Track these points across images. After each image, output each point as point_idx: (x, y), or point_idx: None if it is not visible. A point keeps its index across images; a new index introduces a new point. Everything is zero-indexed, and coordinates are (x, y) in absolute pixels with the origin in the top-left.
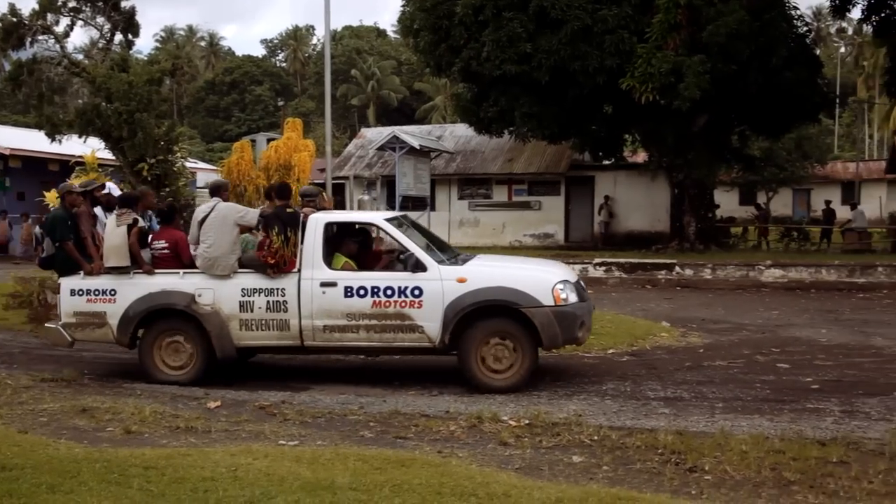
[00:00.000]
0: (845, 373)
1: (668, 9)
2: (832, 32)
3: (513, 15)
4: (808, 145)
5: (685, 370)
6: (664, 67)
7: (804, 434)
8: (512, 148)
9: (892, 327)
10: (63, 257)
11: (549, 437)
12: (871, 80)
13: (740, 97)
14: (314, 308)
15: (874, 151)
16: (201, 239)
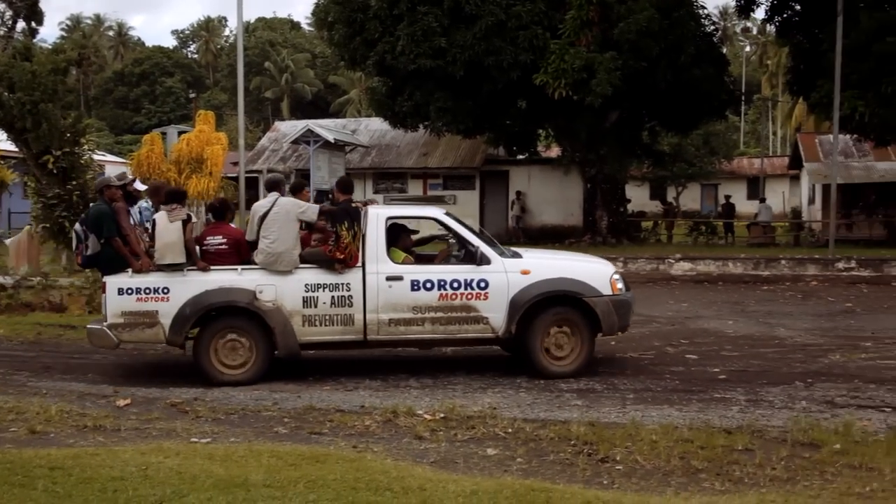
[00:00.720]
0: (751, 363)
1: (580, 6)
2: (738, 32)
3: (427, 9)
4: (715, 141)
5: (597, 362)
6: (577, 63)
7: (711, 423)
8: (427, 142)
9: (794, 318)
10: (110, 254)
11: (463, 431)
12: (774, 78)
13: (651, 93)
14: (380, 302)
15: (778, 148)
16: (263, 235)
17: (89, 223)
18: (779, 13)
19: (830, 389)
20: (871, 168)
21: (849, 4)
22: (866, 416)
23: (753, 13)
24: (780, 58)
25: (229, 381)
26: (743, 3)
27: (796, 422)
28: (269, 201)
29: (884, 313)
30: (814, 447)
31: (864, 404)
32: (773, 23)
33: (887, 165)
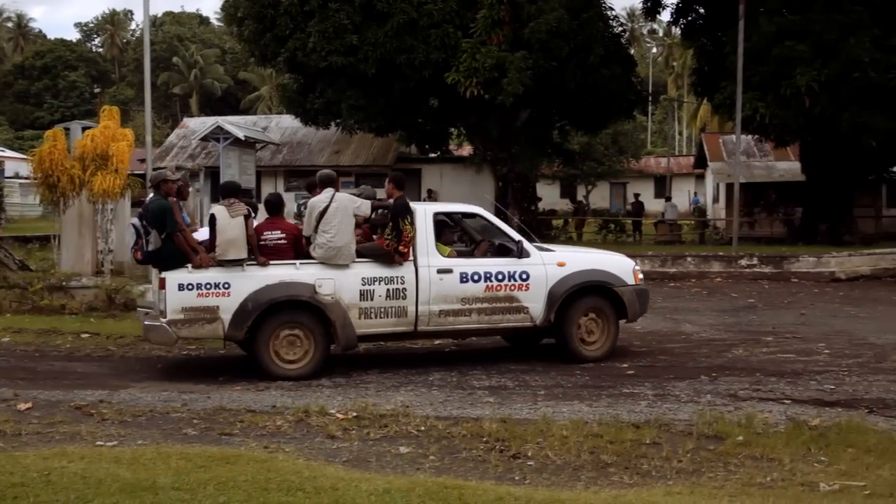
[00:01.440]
0: (658, 358)
1: (491, 5)
2: (645, 33)
3: (339, 6)
4: (623, 141)
5: (509, 359)
6: (488, 62)
7: (620, 418)
8: (339, 140)
9: (700, 314)
10: (171, 250)
11: (376, 429)
12: (680, 79)
13: (561, 93)
14: (431, 294)
15: (684, 147)
16: (322, 229)
17: (149, 218)
18: (684, 16)
19: (734, 383)
20: (772, 167)
21: (750, 9)
22: (767, 409)
23: (660, 15)
24: (685, 59)
25: (288, 376)
26: (649, 5)
27: (701, 415)
28: (327, 197)
29: (784, 309)
30: (718, 439)
31: (766, 397)
32: (679, 25)
33: (787, 165)
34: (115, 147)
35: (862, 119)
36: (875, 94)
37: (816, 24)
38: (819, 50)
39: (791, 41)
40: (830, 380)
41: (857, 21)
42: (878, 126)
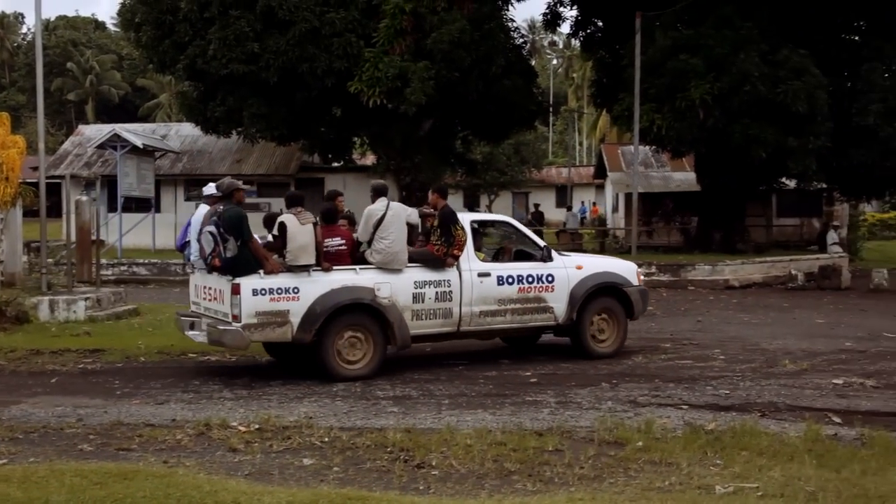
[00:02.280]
0: (560, 366)
1: (393, 15)
2: (546, 45)
3: (240, 13)
4: (525, 151)
5: (413, 369)
6: (391, 72)
7: (523, 425)
8: (241, 149)
9: None
10: (247, 256)
11: (279, 441)
12: (580, 90)
13: (463, 103)
14: (473, 296)
15: (584, 157)
16: (380, 236)
17: (226, 226)
18: (583, 28)
19: (634, 389)
20: (669, 178)
21: (646, 23)
22: (666, 414)
23: (559, 27)
24: (584, 71)
25: (351, 376)
26: (549, 17)
27: (602, 422)
28: (383, 205)
29: (681, 316)
30: (619, 445)
31: (664, 403)
32: (578, 38)
33: (683, 176)
34: (5, 154)
35: (752, 131)
36: (764, 107)
37: (709, 39)
38: (712, 64)
39: (685, 55)
40: (725, 385)
41: (747, 37)
42: (768, 138)
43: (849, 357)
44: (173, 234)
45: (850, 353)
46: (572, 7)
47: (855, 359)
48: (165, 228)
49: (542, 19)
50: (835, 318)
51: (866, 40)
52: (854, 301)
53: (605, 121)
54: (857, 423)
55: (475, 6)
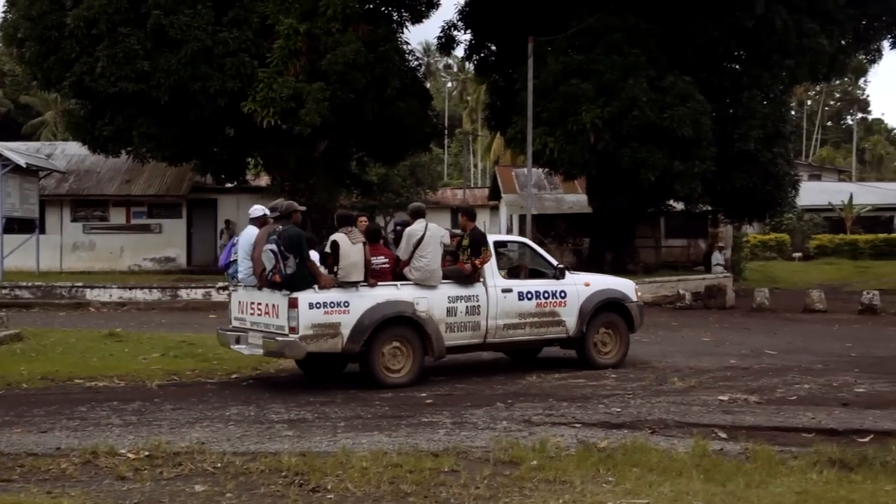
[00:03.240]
0: (456, 386)
1: (288, 35)
2: (440, 68)
3: (129, 31)
4: (420, 172)
5: (309, 391)
6: (285, 93)
7: (419, 447)
8: (130, 168)
9: None
10: (304, 273)
11: (170, 468)
12: (474, 113)
13: (358, 124)
14: (498, 310)
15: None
16: (419, 255)
17: (286, 244)
18: (477, 52)
19: (528, 409)
20: (562, 200)
21: (538, 48)
22: (560, 433)
23: (454, 51)
24: (479, 94)
25: (394, 384)
26: (444, 41)
27: (498, 441)
28: (422, 226)
29: None
30: (514, 465)
31: (558, 421)
32: (472, 61)
33: (575, 198)
34: None
35: (641, 155)
36: (652, 131)
37: (599, 65)
38: (602, 89)
39: (577, 80)
40: (617, 403)
41: (635, 63)
42: (656, 162)
43: (734, 374)
44: (59, 255)
45: (735, 371)
46: (466, 31)
47: (739, 376)
48: (50, 250)
49: (437, 42)
50: (720, 336)
51: (746, 69)
52: (738, 320)
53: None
54: (741, 437)
55: (370, 28)
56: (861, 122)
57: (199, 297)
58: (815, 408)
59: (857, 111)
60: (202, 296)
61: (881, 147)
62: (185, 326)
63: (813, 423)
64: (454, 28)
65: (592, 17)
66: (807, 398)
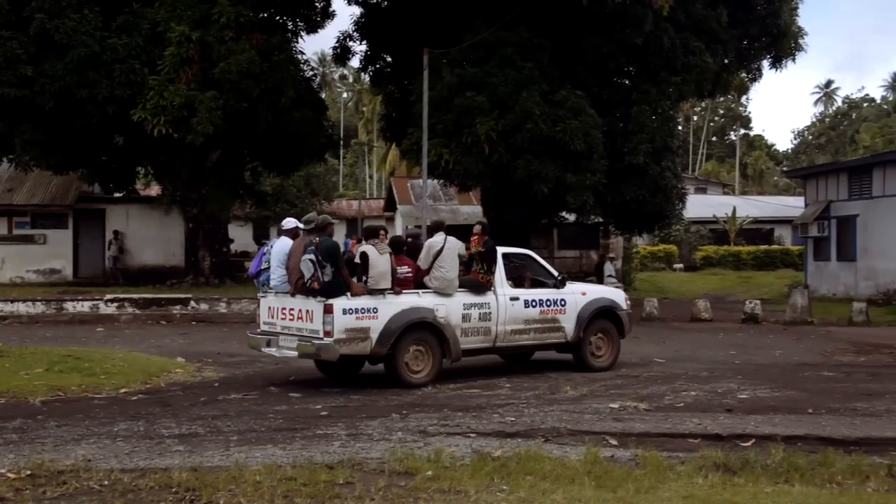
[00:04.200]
0: (351, 398)
1: (179, 42)
2: (336, 78)
3: (11, 34)
4: (316, 183)
5: (200, 405)
6: (177, 101)
7: (314, 459)
8: (13, 177)
9: None
10: (339, 281)
11: (53, 487)
12: (370, 124)
13: (252, 134)
14: (507, 317)
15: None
16: (438, 265)
17: (324, 255)
18: (372, 63)
19: (424, 419)
20: (457, 211)
21: (434, 60)
22: (455, 443)
23: (349, 61)
24: (374, 105)
25: (417, 383)
26: (339, 51)
27: (393, 452)
28: (441, 239)
29: None
30: (409, 475)
31: (453, 431)
32: (368, 72)
33: (470, 209)
34: None
35: (535, 167)
36: (546, 144)
37: (493, 78)
38: (496, 102)
39: (471, 92)
40: (511, 412)
41: (529, 77)
42: (549, 174)
43: (624, 382)
44: None
45: (626, 379)
46: (361, 42)
47: (629, 384)
48: None
49: (333, 53)
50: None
51: (636, 84)
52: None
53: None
54: (631, 444)
55: (264, 37)
56: (743, 137)
57: (87, 310)
58: (702, 414)
59: (739, 127)
60: (89, 308)
61: (762, 162)
62: (71, 340)
63: (699, 428)
64: (350, 39)
65: (486, 30)
66: (693, 405)
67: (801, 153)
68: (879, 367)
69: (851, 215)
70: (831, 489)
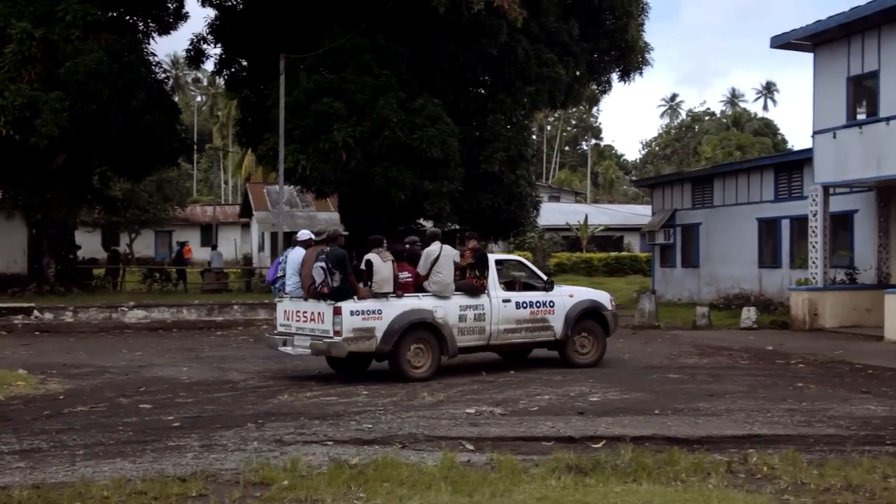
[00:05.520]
0: (205, 408)
1: (21, 40)
2: (190, 81)
3: None
4: (168, 188)
5: (44, 419)
6: (19, 101)
7: (166, 472)
8: None
9: (246, 362)
10: (346, 287)
11: None
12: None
13: (101, 137)
14: (499, 317)
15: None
16: (436, 271)
17: (333, 263)
18: (227, 67)
19: (280, 428)
20: (314, 217)
21: (291, 65)
22: (311, 451)
23: (203, 65)
24: (230, 110)
25: (417, 378)
26: (193, 54)
27: (248, 463)
28: (438, 248)
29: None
30: (264, 486)
31: (310, 440)
32: (223, 76)
33: (327, 215)
34: None
35: (392, 174)
36: (403, 151)
37: (351, 85)
38: (354, 108)
39: (329, 98)
40: (368, 419)
41: (386, 84)
42: (406, 181)
43: (480, 387)
44: None
45: (482, 384)
46: (216, 45)
47: (485, 388)
48: None
49: (186, 55)
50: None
51: (491, 94)
52: None
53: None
54: (487, 448)
55: (114, 37)
56: (594, 147)
57: None
58: (555, 417)
59: (591, 137)
60: None
61: (612, 171)
62: None
63: (552, 431)
64: (204, 41)
65: (344, 37)
66: (547, 408)
67: (648, 163)
68: (720, 369)
69: (695, 223)
70: (676, 486)
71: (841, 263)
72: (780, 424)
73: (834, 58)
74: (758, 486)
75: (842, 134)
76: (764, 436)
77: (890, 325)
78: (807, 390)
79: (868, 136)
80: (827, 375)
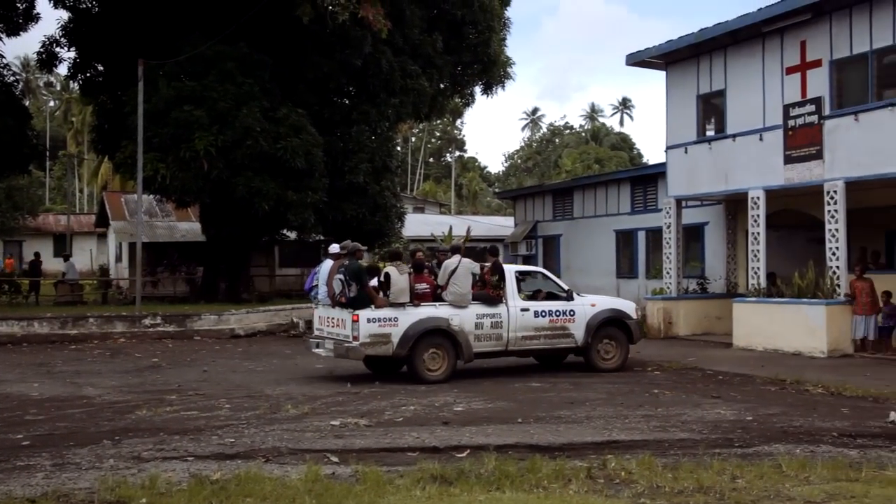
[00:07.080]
0: (57, 426)
1: None
2: (42, 85)
3: None
4: (18, 196)
5: None
6: None
7: (13, 494)
8: None
9: (102, 376)
10: (363, 296)
11: None
12: (80, 135)
13: None
14: (518, 325)
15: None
16: (453, 282)
17: (350, 275)
18: (82, 72)
19: (138, 445)
20: (174, 228)
21: (150, 72)
22: (171, 468)
23: (56, 68)
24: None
25: (433, 380)
26: (45, 57)
27: (103, 481)
28: (456, 260)
29: (187, 366)
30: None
31: (170, 456)
32: (77, 80)
33: (188, 226)
34: None
35: (255, 184)
36: (267, 161)
37: (213, 93)
38: (216, 117)
39: (189, 106)
40: (231, 433)
41: (249, 93)
42: (270, 192)
43: (346, 399)
44: None
45: (347, 396)
46: (70, 48)
47: (351, 400)
48: None
49: (38, 58)
50: (334, 363)
51: (356, 104)
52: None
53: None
54: (352, 460)
55: None
56: (458, 159)
57: None
58: (420, 428)
59: (455, 149)
60: None
61: (476, 183)
62: None
63: (417, 442)
64: (57, 44)
65: (205, 44)
66: (412, 419)
67: (511, 175)
68: (579, 376)
69: (556, 235)
70: (538, 493)
71: (693, 274)
72: (637, 430)
73: (685, 76)
74: (616, 491)
75: (693, 149)
76: (622, 441)
77: (738, 332)
78: (662, 396)
79: (716, 151)
80: (681, 382)
